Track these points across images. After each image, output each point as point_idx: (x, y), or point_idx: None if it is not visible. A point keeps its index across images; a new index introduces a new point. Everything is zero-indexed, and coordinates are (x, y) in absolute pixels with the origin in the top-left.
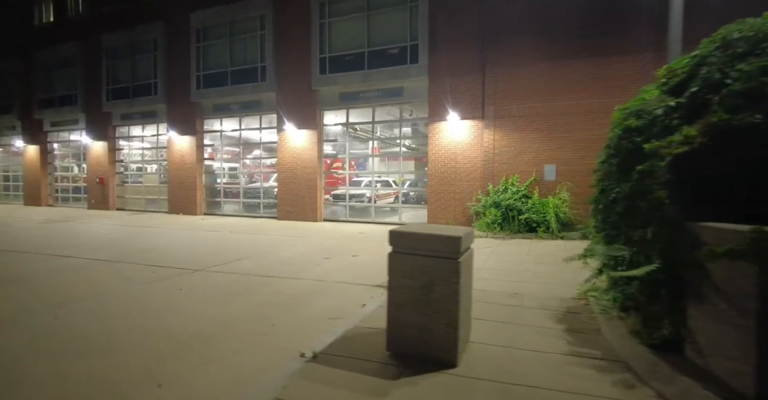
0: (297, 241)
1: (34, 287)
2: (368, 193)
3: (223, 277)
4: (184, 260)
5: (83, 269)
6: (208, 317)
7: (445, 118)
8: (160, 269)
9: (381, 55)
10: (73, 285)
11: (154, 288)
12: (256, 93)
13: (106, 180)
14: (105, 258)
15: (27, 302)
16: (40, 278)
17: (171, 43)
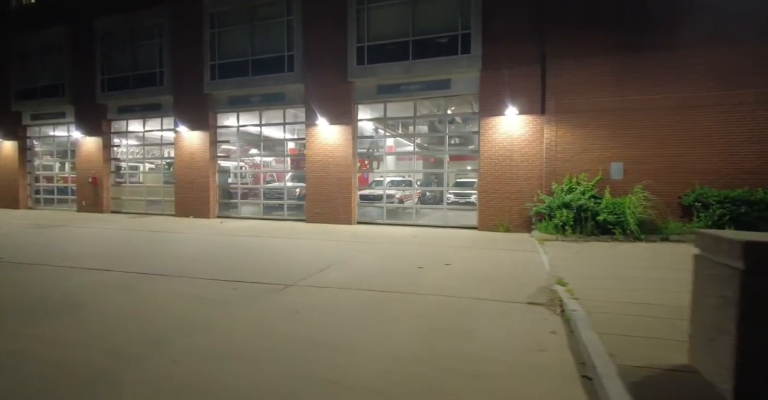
0: (356, 247)
1: (92, 316)
2: (398, 194)
3: (327, 293)
4: (252, 271)
5: (132, 286)
6: (389, 355)
7: (500, 112)
8: (236, 284)
9: (427, 44)
10: (141, 311)
11: (258, 312)
12: (280, 85)
13: (100, 180)
14: (149, 271)
15: (105, 339)
16: (88, 301)
17: (180, 28)
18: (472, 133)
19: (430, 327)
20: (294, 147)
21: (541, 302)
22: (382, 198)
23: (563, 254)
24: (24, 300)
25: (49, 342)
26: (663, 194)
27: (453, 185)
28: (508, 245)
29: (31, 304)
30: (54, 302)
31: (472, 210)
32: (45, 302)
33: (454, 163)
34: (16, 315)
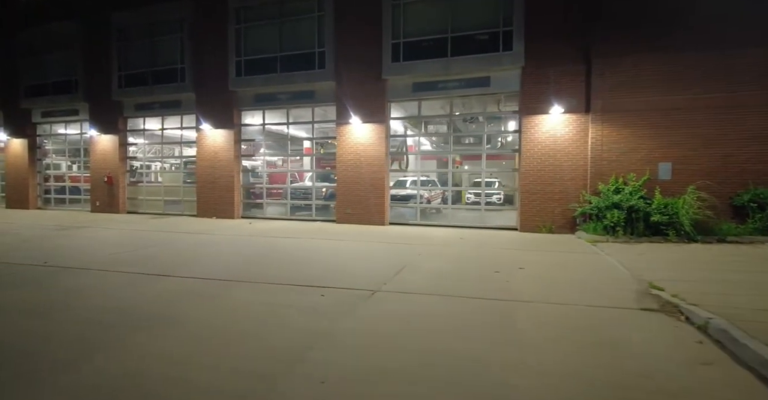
0: (409, 249)
1: (190, 329)
2: (426, 194)
3: (423, 300)
4: (323, 276)
5: (210, 295)
6: (545, 370)
7: (543, 111)
8: (317, 289)
9: (467, 41)
10: (240, 322)
11: (368, 321)
12: (309, 82)
13: (115, 179)
14: (215, 277)
15: (221, 355)
16: (175, 312)
17: (203, 23)
18: (498, 132)
19: (566, 338)
20: (309, 146)
21: (654, 308)
22: (410, 198)
23: (627, 256)
24: (101, 312)
25: (161, 360)
26: (713, 195)
27: (470, 185)
28: (562, 247)
29: (112, 316)
30: (137, 313)
31: (510, 210)
32: (127, 313)
33: (475, 162)
34: (104, 330)
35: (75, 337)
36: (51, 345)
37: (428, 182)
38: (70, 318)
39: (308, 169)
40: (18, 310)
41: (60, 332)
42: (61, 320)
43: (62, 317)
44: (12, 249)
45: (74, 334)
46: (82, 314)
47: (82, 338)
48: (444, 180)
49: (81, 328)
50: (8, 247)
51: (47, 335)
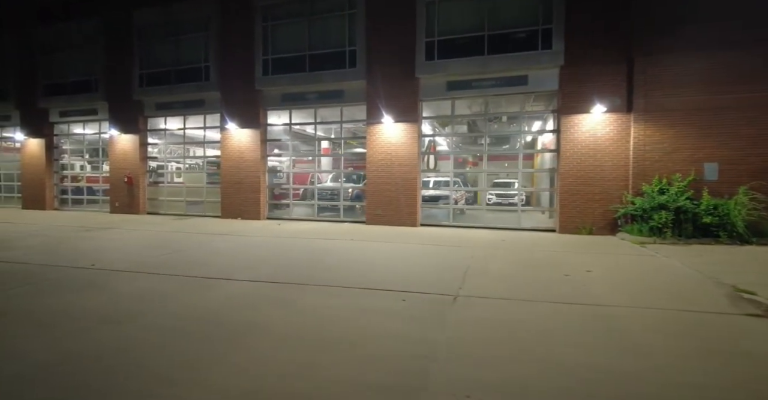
0: (459, 252)
1: (286, 340)
2: (453, 194)
3: (509, 306)
4: (388, 280)
5: (283, 300)
6: (701, 383)
7: (583, 110)
8: (393, 294)
9: (504, 39)
10: (336, 331)
11: (470, 329)
12: (339, 81)
13: (135, 179)
14: (277, 280)
15: (341, 368)
16: (257, 319)
17: (228, 21)
18: (532, 132)
19: (691, 347)
20: (327, 146)
21: (759, 314)
22: (438, 199)
23: (686, 258)
24: (179, 319)
25: (277, 375)
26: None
27: (491, 185)
28: (613, 249)
29: (193, 324)
30: (219, 320)
31: (533, 211)
32: (207, 321)
33: (494, 163)
34: (193, 340)
35: (165, 348)
36: (145, 358)
37: (449, 183)
38: (150, 326)
39: (333, 169)
40: (91, 317)
41: (147, 342)
42: (142, 329)
43: (142, 325)
44: (49, 251)
45: (163, 344)
46: (159, 322)
47: (174, 349)
48: (471, 181)
49: (167, 337)
50: (45, 249)
51: (135, 346)
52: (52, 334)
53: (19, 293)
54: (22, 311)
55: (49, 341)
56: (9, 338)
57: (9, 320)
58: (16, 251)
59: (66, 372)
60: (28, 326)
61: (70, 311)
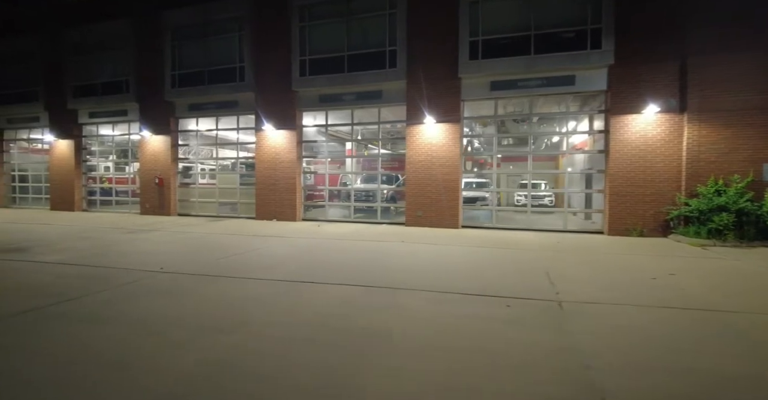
0: (524, 255)
1: (427, 350)
2: (489, 195)
3: (624, 311)
4: (474, 285)
5: (390, 305)
6: None
7: (634, 110)
8: (493, 299)
9: (552, 38)
10: (477, 342)
11: (602, 338)
12: (378, 82)
13: (166, 181)
14: (364, 284)
15: (516, 384)
16: (376, 327)
17: (263, 21)
18: (578, 132)
19: None
20: (350, 148)
21: None
22: (475, 200)
23: (758, 261)
24: (290, 327)
25: (446, 392)
26: None
27: (518, 186)
28: (676, 252)
29: (309, 331)
30: (334, 327)
31: (563, 212)
32: (321, 328)
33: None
34: (325, 350)
35: (299, 358)
36: (283, 370)
37: (485, 184)
38: (264, 334)
39: (368, 170)
40: (197, 325)
41: (272, 352)
42: (258, 338)
43: (255, 334)
44: (104, 253)
45: (297, 356)
46: (269, 331)
47: (307, 359)
48: (499, 182)
49: (293, 347)
50: (97, 251)
51: (265, 355)
52: (167, 341)
53: (108, 297)
54: (124, 317)
55: (174, 351)
56: (135, 348)
57: (121, 329)
58: (71, 253)
59: (235, 390)
60: (143, 335)
61: (172, 318)
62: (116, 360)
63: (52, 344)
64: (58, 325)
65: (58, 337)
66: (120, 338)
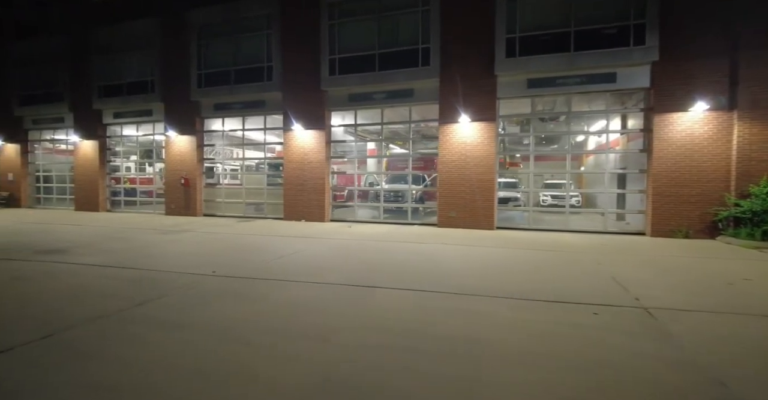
0: (569, 257)
1: (536, 359)
2: (521, 196)
3: (722, 319)
4: (543, 289)
5: (473, 311)
6: None
7: (679, 108)
8: (580, 307)
9: (592, 35)
10: (595, 353)
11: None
12: (410, 80)
13: (192, 181)
14: (432, 289)
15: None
16: (476, 336)
17: (291, 19)
18: (623, 131)
19: None
20: (374, 148)
21: None
22: (507, 201)
23: None
24: (378, 333)
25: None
26: None
27: (543, 186)
28: (733, 254)
29: (409, 341)
30: (428, 335)
31: (594, 213)
32: (414, 337)
33: (545, 163)
34: (434, 362)
35: (420, 370)
36: (418, 387)
37: (514, 184)
38: (361, 343)
39: (398, 170)
40: (281, 332)
41: (385, 364)
42: (357, 346)
43: (351, 342)
44: (145, 255)
45: (416, 367)
46: (363, 339)
47: (428, 370)
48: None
49: (401, 357)
50: (137, 252)
51: (383, 371)
52: (265, 351)
53: (174, 302)
54: (202, 322)
55: (283, 363)
56: (229, 357)
57: (203, 335)
58: (111, 255)
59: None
60: (230, 342)
61: (253, 324)
62: (212, 370)
63: (136, 352)
64: (138, 331)
65: (142, 344)
66: (207, 345)
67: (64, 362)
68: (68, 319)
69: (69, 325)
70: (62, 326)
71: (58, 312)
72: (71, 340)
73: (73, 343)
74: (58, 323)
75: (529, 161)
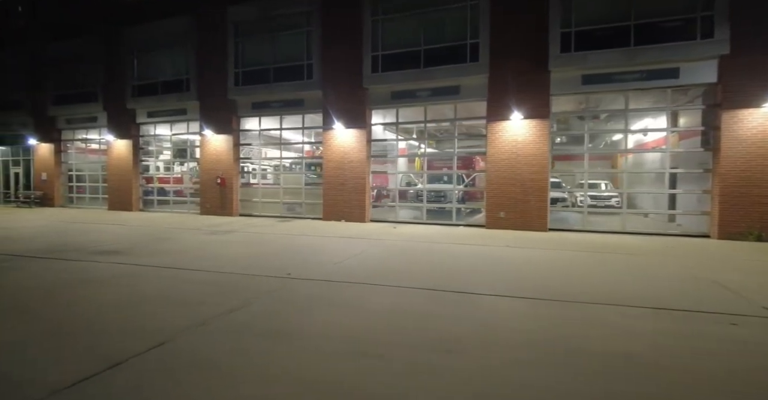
0: (643, 261)
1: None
2: (568, 196)
3: None
4: (640, 295)
5: (593, 322)
6: None
7: (750, 104)
8: (713, 316)
9: (653, 28)
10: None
11: None
12: (457, 76)
13: (228, 181)
14: (523, 295)
15: None
16: (625, 350)
17: (331, 16)
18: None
19: None
20: (405, 147)
21: None
22: (556, 202)
23: None
24: (516, 347)
25: None
26: None
27: (577, 186)
28: None
29: (558, 357)
30: (570, 349)
31: (633, 214)
32: (559, 351)
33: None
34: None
35: (611, 391)
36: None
37: (558, 184)
38: (510, 357)
39: (452, 170)
40: (410, 343)
41: (562, 385)
42: (508, 363)
43: (495, 355)
44: (205, 257)
45: (607, 388)
46: (506, 353)
47: (622, 390)
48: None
49: (568, 376)
50: (196, 254)
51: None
52: (398, 366)
53: (269, 308)
54: (313, 330)
55: (426, 379)
56: (366, 374)
57: (322, 345)
58: (169, 257)
59: None
60: (356, 355)
61: (369, 335)
62: (364, 390)
63: (257, 363)
64: (247, 340)
65: (257, 355)
66: (335, 359)
67: (186, 374)
68: (167, 327)
69: (170, 334)
70: (165, 335)
71: (153, 319)
72: (181, 351)
73: (184, 354)
74: (158, 331)
75: (584, 160)
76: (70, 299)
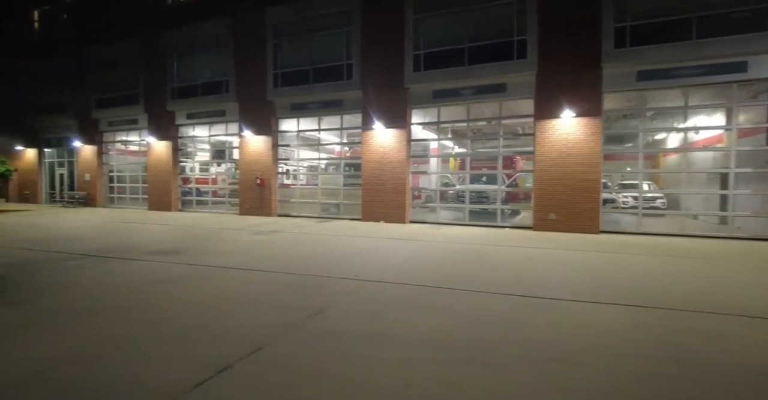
0: (724, 266)
1: None
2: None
3: None
4: (737, 303)
5: (699, 331)
6: None
7: None
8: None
9: (718, 21)
10: None
11: None
12: (503, 74)
13: (267, 181)
14: (618, 302)
15: None
16: (717, 355)
17: (372, 15)
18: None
19: None
20: (440, 147)
21: None
22: (604, 203)
23: None
24: (634, 358)
25: None
26: None
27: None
28: None
29: (694, 371)
30: (688, 361)
31: (675, 215)
32: (688, 365)
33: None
34: None
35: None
36: None
37: (603, 184)
38: (643, 369)
39: (498, 170)
40: (517, 353)
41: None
42: (640, 375)
43: (621, 366)
44: (264, 258)
45: None
46: (619, 363)
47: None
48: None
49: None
50: (255, 255)
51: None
52: (509, 375)
53: (347, 311)
54: (409, 336)
55: (544, 394)
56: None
57: (422, 352)
58: (226, 257)
59: None
60: (466, 364)
61: (469, 343)
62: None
63: (361, 371)
64: (345, 344)
65: (362, 362)
66: (454, 367)
67: (300, 383)
68: (257, 330)
69: (263, 338)
70: (258, 339)
71: (236, 321)
72: (283, 357)
73: (287, 360)
74: (249, 334)
75: (638, 160)
76: (152, 299)
